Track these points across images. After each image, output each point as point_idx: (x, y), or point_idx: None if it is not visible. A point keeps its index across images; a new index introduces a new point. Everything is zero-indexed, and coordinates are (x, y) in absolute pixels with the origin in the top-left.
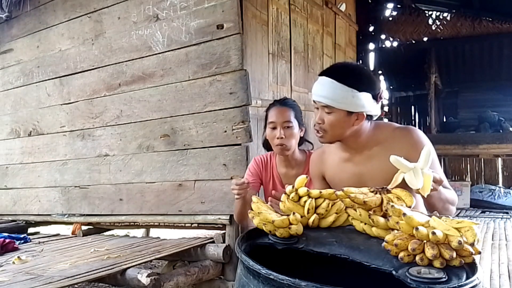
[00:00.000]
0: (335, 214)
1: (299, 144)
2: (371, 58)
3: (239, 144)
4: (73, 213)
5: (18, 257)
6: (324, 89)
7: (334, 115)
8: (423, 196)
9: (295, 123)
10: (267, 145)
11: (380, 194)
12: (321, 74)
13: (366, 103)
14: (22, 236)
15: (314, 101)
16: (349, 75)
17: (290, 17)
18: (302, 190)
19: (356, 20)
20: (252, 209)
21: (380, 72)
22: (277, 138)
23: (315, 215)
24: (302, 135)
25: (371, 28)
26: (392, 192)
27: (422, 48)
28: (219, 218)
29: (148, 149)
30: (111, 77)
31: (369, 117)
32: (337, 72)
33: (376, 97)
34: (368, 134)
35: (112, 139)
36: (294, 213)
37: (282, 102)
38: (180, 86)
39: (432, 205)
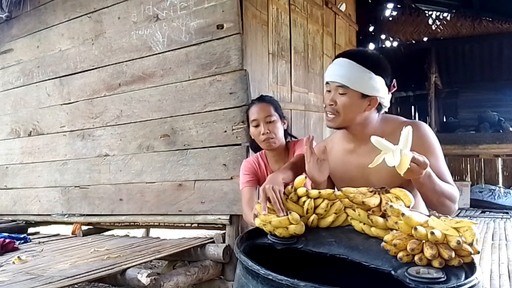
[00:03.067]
0: (334, 214)
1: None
2: None
3: (239, 144)
4: (73, 213)
5: (18, 257)
6: (341, 69)
7: (348, 96)
8: (416, 186)
9: (276, 117)
10: (254, 146)
11: (379, 194)
12: (337, 57)
13: (380, 87)
14: (22, 236)
15: (327, 83)
16: (368, 57)
17: (290, 17)
18: (301, 191)
19: (356, 20)
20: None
21: None
22: (262, 134)
23: (314, 215)
24: (285, 128)
25: (371, 28)
26: (391, 192)
27: (422, 48)
28: (219, 218)
29: (148, 149)
30: (111, 77)
31: (379, 107)
32: (355, 54)
33: (389, 86)
34: (375, 125)
35: (112, 139)
36: (291, 212)
37: (260, 99)
38: (180, 86)
39: (425, 196)
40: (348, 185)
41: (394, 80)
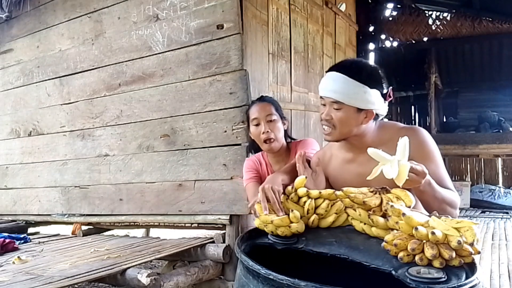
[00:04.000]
0: (335, 214)
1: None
2: (371, 58)
3: (239, 144)
4: (73, 213)
5: (18, 257)
6: (335, 84)
7: (343, 111)
8: (417, 194)
9: (277, 116)
10: (254, 146)
11: (379, 194)
12: (330, 70)
13: (376, 100)
14: (22, 236)
15: (321, 97)
16: (362, 71)
17: (290, 17)
18: (302, 191)
19: (356, 20)
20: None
21: None
22: (262, 133)
23: (314, 215)
24: (285, 129)
25: (371, 28)
26: (392, 192)
27: (422, 48)
28: (219, 218)
29: (148, 149)
30: (111, 77)
31: (375, 117)
32: (349, 68)
33: (385, 95)
34: (373, 134)
35: (112, 139)
36: (292, 211)
37: (261, 99)
38: (180, 86)
39: (426, 203)
40: None
41: (390, 89)
